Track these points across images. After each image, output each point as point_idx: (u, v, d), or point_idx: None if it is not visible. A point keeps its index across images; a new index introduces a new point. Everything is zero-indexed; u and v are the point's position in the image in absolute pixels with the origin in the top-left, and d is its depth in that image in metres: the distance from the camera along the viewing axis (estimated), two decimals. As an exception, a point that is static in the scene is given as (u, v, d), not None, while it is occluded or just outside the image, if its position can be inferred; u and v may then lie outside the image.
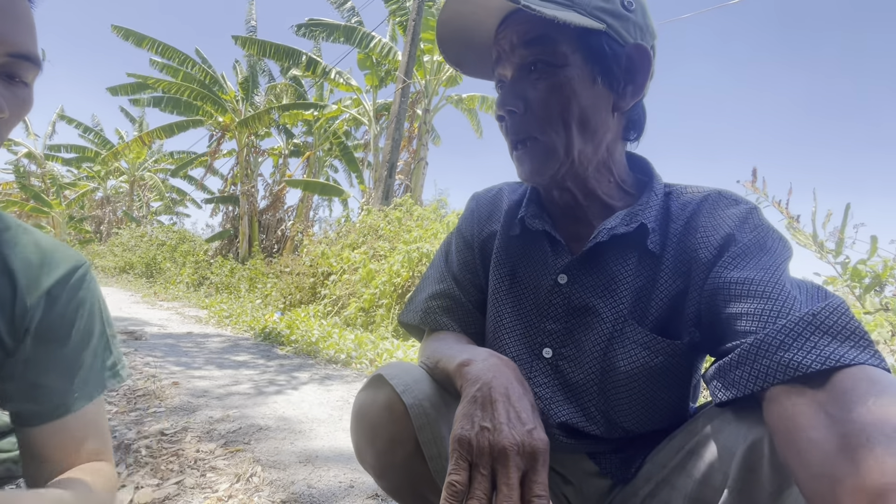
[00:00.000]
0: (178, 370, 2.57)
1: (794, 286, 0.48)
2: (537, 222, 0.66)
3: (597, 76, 0.58)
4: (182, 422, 1.69)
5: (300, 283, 5.99)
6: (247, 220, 11.57)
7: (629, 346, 0.59)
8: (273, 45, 9.10)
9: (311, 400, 2.15)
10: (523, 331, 0.67)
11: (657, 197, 0.62)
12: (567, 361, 0.63)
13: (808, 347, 0.41)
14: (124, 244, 13.74)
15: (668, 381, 0.59)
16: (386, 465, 0.63)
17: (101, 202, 20.65)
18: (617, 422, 0.61)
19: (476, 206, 0.77)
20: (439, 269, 0.77)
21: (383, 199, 7.08)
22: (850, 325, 0.42)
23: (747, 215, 0.57)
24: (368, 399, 0.64)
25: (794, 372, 0.41)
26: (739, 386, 0.46)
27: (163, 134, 11.60)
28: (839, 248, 2.38)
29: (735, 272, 0.51)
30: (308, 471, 1.34)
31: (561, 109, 0.57)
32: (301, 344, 3.57)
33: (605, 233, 0.60)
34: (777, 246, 0.54)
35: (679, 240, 0.59)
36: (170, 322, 4.81)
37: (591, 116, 0.58)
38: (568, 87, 0.57)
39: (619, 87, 0.59)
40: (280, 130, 12.65)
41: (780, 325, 0.44)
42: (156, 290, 8.97)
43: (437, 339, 0.70)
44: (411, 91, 8.48)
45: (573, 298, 0.63)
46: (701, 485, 0.52)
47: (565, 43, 0.57)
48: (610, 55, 0.58)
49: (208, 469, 1.30)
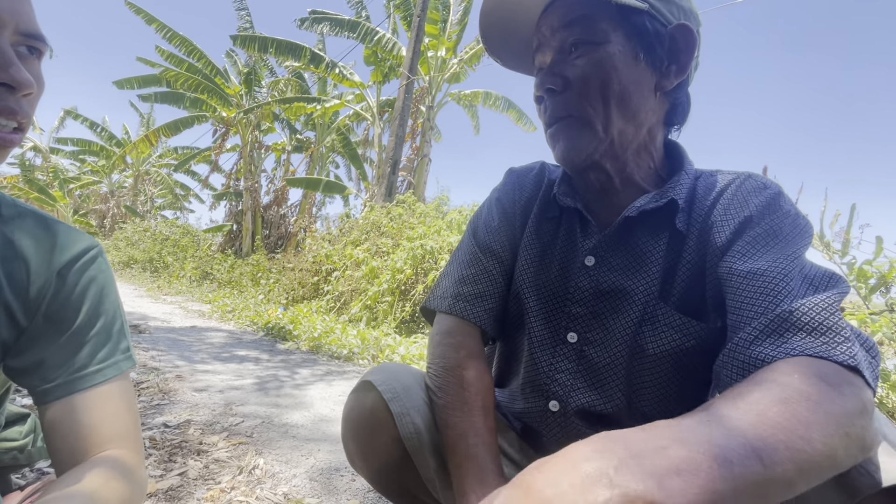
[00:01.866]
0: (181, 364, 2.59)
1: (799, 276, 0.47)
2: (569, 200, 0.64)
3: (639, 53, 0.56)
4: (185, 414, 1.70)
5: (303, 279, 6.00)
6: (250, 216, 11.59)
7: (660, 328, 0.58)
8: (274, 41, 9.06)
9: (313, 395, 2.16)
10: (547, 315, 0.65)
11: (688, 177, 0.61)
12: (593, 346, 0.61)
13: (777, 344, 0.42)
14: (128, 238, 13.80)
15: (694, 365, 0.58)
16: (375, 469, 0.63)
17: (105, 196, 20.74)
18: (638, 407, 0.60)
19: (517, 180, 0.74)
20: (468, 250, 0.71)
21: (386, 196, 7.08)
22: (827, 321, 0.41)
23: (771, 200, 0.55)
24: (357, 404, 0.63)
25: (756, 366, 0.42)
26: (724, 383, 0.46)
27: (168, 132, 11.63)
28: (845, 249, 2.36)
29: (744, 262, 0.51)
30: (310, 464, 1.34)
31: (601, 85, 0.56)
32: (304, 340, 3.58)
33: (635, 209, 0.59)
34: (794, 233, 0.52)
35: (703, 221, 0.58)
36: (173, 316, 4.83)
37: (633, 94, 0.57)
38: (609, 63, 0.55)
39: (663, 65, 0.58)
40: (284, 126, 12.65)
41: (766, 321, 0.44)
42: (159, 284, 9.00)
43: (457, 360, 0.63)
44: (415, 87, 8.46)
45: (601, 281, 0.61)
46: None
47: (606, 21, 0.56)
48: (652, 33, 0.56)
49: (211, 461, 1.31)
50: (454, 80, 9.91)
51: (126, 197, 19.91)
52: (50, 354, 0.55)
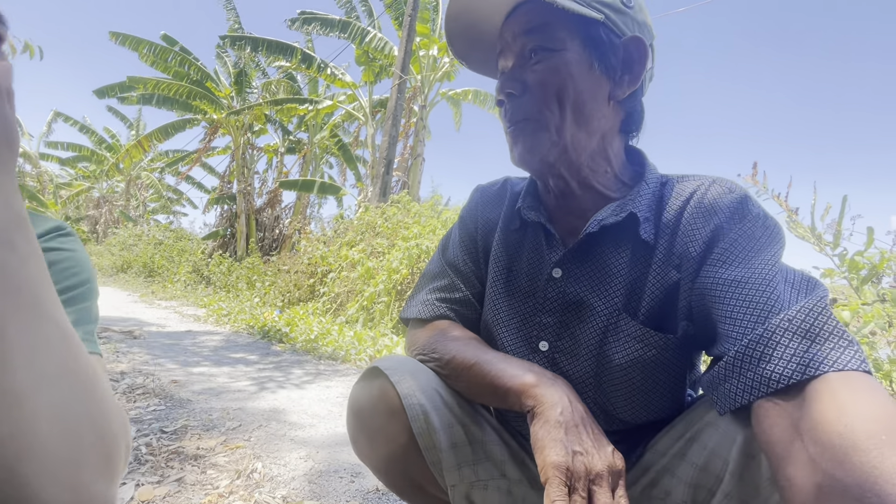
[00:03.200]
0: (176, 368, 2.57)
1: (782, 281, 0.48)
2: (533, 213, 0.67)
3: (594, 62, 0.59)
4: (182, 419, 1.69)
5: (298, 281, 5.98)
6: (244, 219, 11.53)
7: (623, 340, 0.59)
8: (265, 41, 9.01)
9: (310, 396, 2.15)
10: (520, 324, 0.67)
11: (648, 187, 0.62)
12: (563, 355, 0.64)
13: (787, 356, 0.42)
14: (122, 243, 13.69)
15: (662, 373, 0.59)
16: (382, 457, 0.63)
17: (97, 202, 20.56)
18: (614, 414, 0.62)
19: (480, 198, 0.78)
20: (438, 263, 0.77)
21: (381, 196, 7.06)
22: (827, 324, 0.42)
23: (738, 206, 0.56)
24: (364, 391, 0.64)
25: (775, 385, 0.41)
26: (729, 400, 0.46)
27: (161, 136, 11.53)
28: (836, 240, 2.38)
29: (724, 271, 0.51)
30: (308, 466, 1.34)
31: (557, 90, 0.58)
32: (300, 341, 3.57)
33: (596, 224, 0.60)
34: (767, 236, 0.53)
35: (671, 230, 0.59)
36: (168, 321, 4.80)
37: (587, 101, 0.59)
38: (565, 70, 0.58)
39: (616, 75, 0.60)
40: (276, 127, 12.59)
41: (760, 333, 0.44)
42: (154, 289, 8.94)
43: (438, 333, 0.69)
44: (407, 87, 8.45)
45: (567, 292, 0.63)
46: (701, 471, 0.52)
47: (564, 30, 0.58)
48: (607, 43, 0.59)
49: (209, 466, 1.30)
50: (446, 79, 9.90)
51: (118, 202, 19.76)
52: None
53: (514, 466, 0.65)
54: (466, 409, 0.65)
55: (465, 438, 0.63)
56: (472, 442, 0.63)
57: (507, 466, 0.65)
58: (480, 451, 0.64)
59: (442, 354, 0.65)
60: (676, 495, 0.55)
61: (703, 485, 0.52)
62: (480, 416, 0.67)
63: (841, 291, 2.78)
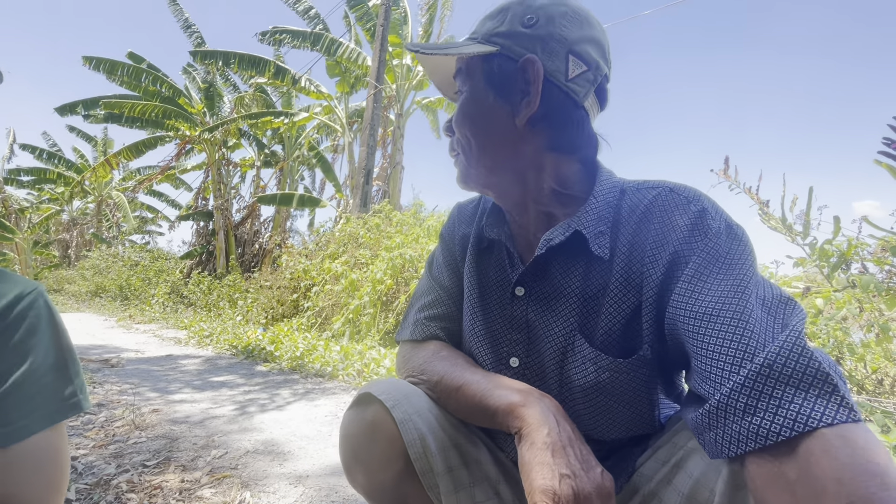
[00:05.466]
0: (157, 396, 2.49)
1: (758, 306, 0.45)
2: (494, 231, 0.68)
3: (490, 93, 0.62)
4: (164, 451, 1.63)
5: (281, 296, 5.88)
6: (222, 235, 11.30)
7: (580, 361, 0.59)
8: (236, 55, 8.90)
9: (298, 417, 2.11)
10: (492, 340, 0.67)
11: (597, 200, 0.60)
12: (532, 371, 0.64)
13: (773, 408, 0.39)
14: (95, 267, 13.25)
15: (625, 395, 0.58)
16: (377, 485, 0.62)
17: (67, 225, 19.87)
18: (585, 432, 0.61)
19: (457, 215, 0.79)
20: (426, 281, 0.78)
21: (362, 207, 7.02)
22: (809, 368, 0.39)
23: (696, 222, 0.53)
24: (357, 417, 0.62)
25: (763, 440, 0.39)
26: (717, 449, 0.44)
27: (131, 154, 11.23)
28: (806, 231, 2.46)
29: (693, 303, 0.49)
30: (299, 492, 1.31)
31: (468, 125, 0.64)
32: (285, 359, 3.50)
33: (544, 245, 0.60)
34: (733, 252, 0.50)
35: (629, 247, 0.57)
36: (147, 346, 4.65)
37: (493, 129, 0.62)
38: (468, 106, 0.63)
39: (516, 98, 0.60)
40: (251, 142, 12.41)
41: (741, 381, 0.41)
42: (131, 312, 8.67)
43: (428, 353, 0.69)
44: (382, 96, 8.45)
45: (529, 311, 0.63)
46: (689, 500, 0.51)
47: (472, 70, 0.63)
48: (498, 73, 0.61)
49: (194, 499, 1.26)
50: (420, 88, 9.94)
51: (90, 224, 19.14)
52: None
53: (507, 486, 0.65)
54: (461, 430, 0.64)
55: (460, 461, 0.62)
56: (467, 464, 0.63)
57: (501, 486, 0.64)
58: (477, 472, 0.63)
59: (430, 376, 0.65)
60: None
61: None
62: (475, 435, 0.66)
63: (813, 279, 2.87)
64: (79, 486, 1.31)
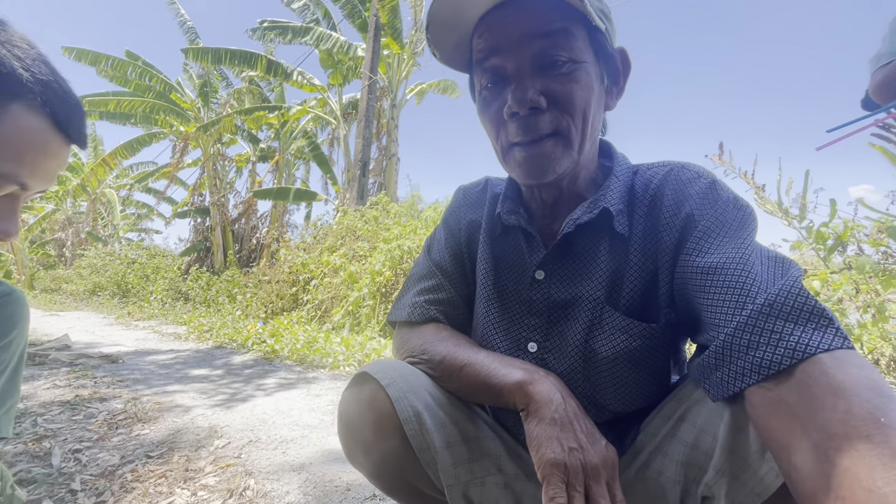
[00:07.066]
0: (158, 389, 2.50)
1: (758, 262, 0.49)
2: (513, 218, 0.67)
3: (604, 75, 0.60)
4: (168, 442, 1.64)
5: (280, 290, 5.88)
6: (219, 231, 11.26)
7: (608, 332, 0.60)
8: (228, 52, 8.81)
9: (300, 406, 2.12)
10: (508, 326, 0.67)
11: (618, 180, 0.63)
12: (551, 354, 0.64)
13: (773, 341, 0.42)
14: (92, 265, 13.20)
15: (649, 362, 0.60)
16: (376, 462, 0.63)
17: (62, 224, 19.75)
18: (604, 405, 0.63)
19: (462, 198, 0.78)
20: (424, 264, 0.77)
21: (359, 199, 7.00)
22: (806, 304, 0.42)
23: (707, 191, 0.57)
24: (354, 397, 0.63)
25: (766, 371, 0.41)
26: (722, 388, 0.46)
27: (126, 153, 11.13)
28: (803, 214, 2.47)
29: (701, 259, 0.52)
30: (303, 478, 1.32)
31: (584, 106, 0.56)
32: (286, 351, 3.52)
33: (571, 223, 0.61)
34: (739, 219, 0.54)
35: (645, 220, 0.60)
36: (147, 342, 4.65)
37: (597, 115, 0.60)
38: (590, 84, 0.56)
39: (613, 87, 0.62)
40: (246, 137, 12.33)
41: (744, 319, 0.44)
42: (129, 310, 8.66)
43: (428, 335, 0.69)
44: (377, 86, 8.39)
45: (552, 293, 0.64)
46: (692, 449, 0.53)
47: (581, 39, 0.56)
48: (610, 55, 0.60)
49: (199, 487, 1.27)
50: (412, 76, 9.88)
51: (85, 223, 19.03)
52: None
53: (510, 461, 0.66)
54: (459, 407, 0.65)
55: (459, 437, 0.63)
56: (466, 440, 0.63)
57: (503, 461, 0.65)
58: (476, 448, 0.64)
59: (432, 356, 0.65)
60: (669, 474, 0.57)
61: (694, 462, 0.54)
62: (474, 412, 0.67)
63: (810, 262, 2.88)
64: (84, 478, 1.32)
